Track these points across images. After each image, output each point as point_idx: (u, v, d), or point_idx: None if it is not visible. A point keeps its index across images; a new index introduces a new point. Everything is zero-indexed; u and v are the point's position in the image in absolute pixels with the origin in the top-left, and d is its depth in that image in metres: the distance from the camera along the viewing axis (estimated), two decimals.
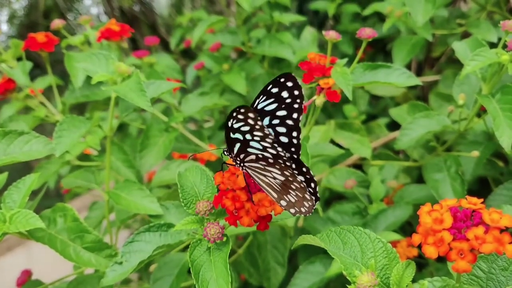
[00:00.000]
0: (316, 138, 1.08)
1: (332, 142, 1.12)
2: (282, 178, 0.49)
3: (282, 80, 0.51)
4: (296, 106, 0.51)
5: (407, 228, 1.01)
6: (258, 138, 0.48)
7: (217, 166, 1.06)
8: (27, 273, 0.87)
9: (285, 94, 0.51)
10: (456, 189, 0.82)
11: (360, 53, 0.74)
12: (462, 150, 0.90)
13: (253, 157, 0.51)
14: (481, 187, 1.08)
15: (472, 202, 0.41)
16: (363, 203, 0.95)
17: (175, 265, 0.73)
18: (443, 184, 0.84)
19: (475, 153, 0.83)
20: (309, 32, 1.34)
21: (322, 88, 0.74)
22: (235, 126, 0.48)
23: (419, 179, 0.97)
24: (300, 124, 0.52)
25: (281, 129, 0.52)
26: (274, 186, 0.50)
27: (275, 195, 0.50)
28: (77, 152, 0.88)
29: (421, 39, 1.12)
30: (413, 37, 1.13)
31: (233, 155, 0.52)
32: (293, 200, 0.50)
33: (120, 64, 0.71)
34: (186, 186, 0.58)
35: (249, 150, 0.51)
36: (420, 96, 1.53)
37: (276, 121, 0.52)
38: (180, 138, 1.05)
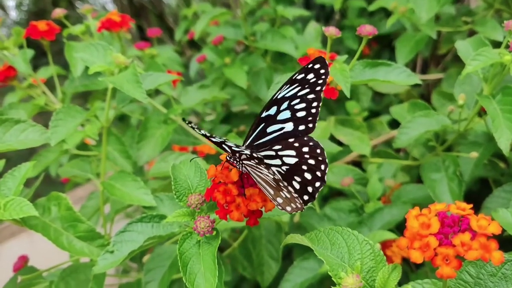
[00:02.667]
0: (316, 134, 1.07)
1: (332, 138, 1.11)
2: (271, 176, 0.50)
3: (310, 65, 0.55)
4: (320, 81, 0.54)
5: (405, 226, 1.01)
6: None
7: (216, 159, 1.06)
8: (23, 259, 0.87)
9: (310, 75, 0.55)
10: (453, 190, 0.82)
11: (359, 50, 0.73)
12: (462, 151, 0.89)
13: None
14: (481, 188, 1.07)
15: (461, 208, 0.40)
16: (360, 201, 0.94)
17: (168, 256, 0.73)
18: (440, 184, 0.84)
19: (474, 154, 0.82)
20: (313, 27, 1.33)
21: None
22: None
23: (418, 178, 0.96)
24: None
25: (300, 106, 0.55)
26: (271, 182, 0.50)
27: (272, 191, 0.50)
28: (75, 142, 0.88)
29: (425, 36, 1.10)
30: (417, 34, 1.12)
31: (230, 155, 0.53)
32: (288, 196, 0.50)
33: (118, 55, 0.71)
34: (179, 179, 0.58)
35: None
36: (424, 94, 1.52)
37: (296, 101, 0.55)
38: (179, 131, 1.05)
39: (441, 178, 0.84)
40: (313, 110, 0.55)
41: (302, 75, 0.55)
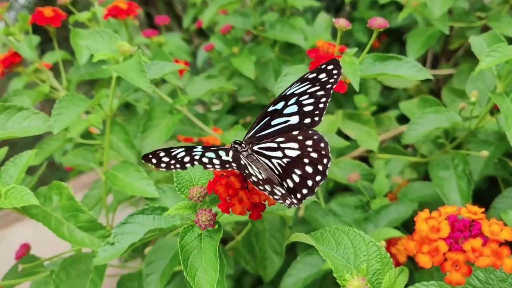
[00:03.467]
0: (323, 128, 1.06)
1: (339, 132, 1.10)
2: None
3: (323, 66, 0.54)
4: (331, 80, 0.54)
5: (412, 224, 0.99)
6: None
7: None
8: (25, 247, 0.87)
9: (322, 75, 0.54)
10: (462, 188, 0.80)
11: (370, 43, 0.71)
12: (472, 149, 0.87)
13: None
14: (490, 187, 1.05)
15: (472, 211, 0.39)
16: (366, 197, 0.93)
17: (170, 249, 0.72)
18: (448, 182, 0.82)
19: (484, 153, 0.80)
20: (323, 18, 1.31)
21: None
22: None
23: (426, 175, 0.95)
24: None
25: (309, 101, 0.55)
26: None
27: (269, 188, 0.49)
28: (79, 130, 0.87)
29: (437, 31, 1.08)
30: (429, 29, 1.10)
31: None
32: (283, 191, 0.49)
33: (123, 43, 0.70)
34: (181, 171, 0.57)
35: None
36: (434, 89, 1.49)
37: (305, 97, 0.55)
38: (185, 121, 1.04)
39: (450, 176, 0.82)
40: (321, 105, 0.54)
41: (314, 75, 0.54)
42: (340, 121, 1.14)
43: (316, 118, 0.54)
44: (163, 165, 0.48)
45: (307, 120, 0.54)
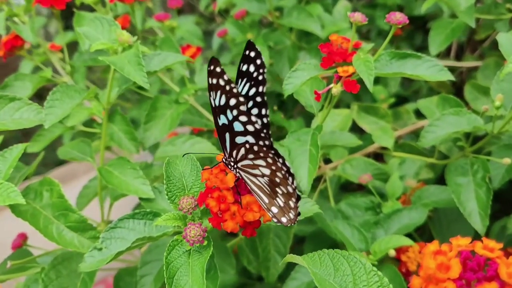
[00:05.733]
0: (336, 122, 1.01)
1: (354, 126, 1.05)
2: (268, 172, 0.44)
3: (247, 52, 0.48)
4: (260, 78, 0.49)
5: (425, 230, 0.95)
6: (236, 112, 0.45)
7: None
8: (22, 237, 0.85)
9: (252, 67, 0.49)
10: (480, 197, 0.74)
11: (387, 40, 0.66)
12: (494, 153, 0.81)
13: (243, 151, 0.46)
14: (510, 193, 0.99)
15: (489, 248, 0.34)
16: (378, 199, 0.88)
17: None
18: (466, 189, 0.76)
19: (507, 160, 0.75)
20: (343, 5, 1.24)
21: (341, 77, 0.67)
22: (216, 101, 0.45)
23: (443, 176, 0.90)
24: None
25: (255, 111, 0.50)
26: (265, 188, 0.45)
27: (266, 200, 0.45)
28: (80, 119, 0.84)
29: (463, 24, 1.01)
30: (454, 21, 1.03)
31: (227, 155, 0.48)
32: (281, 204, 0.44)
33: (122, 32, 0.66)
34: (173, 177, 0.53)
35: (237, 140, 0.47)
36: (456, 82, 1.42)
37: (251, 104, 0.49)
38: (192, 111, 1.00)
39: (468, 183, 0.77)
40: (265, 120, 0.49)
41: (246, 66, 0.49)
42: (355, 114, 1.09)
43: (267, 142, 0.48)
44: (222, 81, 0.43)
45: (261, 142, 0.48)
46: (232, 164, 0.47)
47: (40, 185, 0.64)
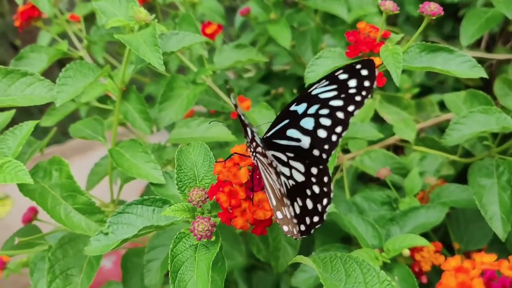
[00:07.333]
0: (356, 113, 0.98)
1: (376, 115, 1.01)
2: (278, 186, 0.42)
3: (358, 66, 0.44)
4: (358, 98, 0.45)
5: (442, 229, 0.92)
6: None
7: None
8: (33, 211, 0.84)
9: (352, 82, 0.45)
10: (504, 201, 0.71)
11: (418, 32, 0.62)
12: None
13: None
14: None
15: None
16: (395, 194, 0.85)
17: (174, 234, 0.67)
18: (489, 192, 0.73)
19: None
20: None
21: None
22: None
23: (464, 173, 0.86)
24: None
25: (325, 122, 0.46)
26: (276, 191, 0.43)
27: (274, 202, 0.43)
28: (95, 95, 0.83)
29: (498, 14, 0.95)
30: (489, 11, 0.97)
31: (249, 140, 0.45)
32: (288, 216, 0.42)
33: (140, 10, 0.63)
34: (184, 166, 0.51)
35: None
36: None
37: (324, 111, 0.46)
38: (210, 92, 0.97)
39: (491, 186, 0.73)
40: (334, 138, 0.45)
41: (345, 77, 0.45)
42: (377, 104, 1.05)
43: (324, 156, 0.46)
44: None
45: (316, 152, 0.46)
46: (252, 150, 0.45)
47: (49, 164, 0.63)
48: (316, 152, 0.46)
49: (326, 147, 0.46)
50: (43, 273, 0.66)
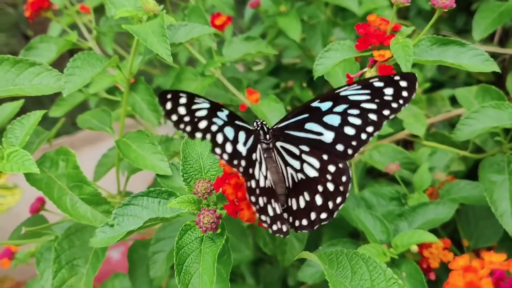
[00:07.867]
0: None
1: None
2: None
3: (396, 78, 0.46)
4: (394, 105, 0.46)
5: (451, 226, 0.91)
6: None
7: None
8: (40, 201, 0.85)
9: (389, 90, 0.46)
10: None
11: (429, 25, 0.61)
12: None
13: None
14: None
15: None
16: (404, 189, 0.84)
17: (180, 226, 0.67)
18: (500, 188, 0.72)
19: None
20: None
21: (376, 61, 0.62)
22: None
23: (474, 169, 0.85)
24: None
25: (355, 121, 0.47)
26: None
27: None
28: (103, 86, 0.83)
29: None
30: (503, 4, 0.95)
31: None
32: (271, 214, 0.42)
33: (148, 0, 0.62)
34: (190, 158, 0.50)
35: None
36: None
37: (353, 111, 0.47)
38: (218, 84, 0.97)
39: (503, 182, 0.72)
40: (364, 136, 0.46)
41: (381, 85, 0.46)
42: None
43: (350, 152, 0.46)
44: (174, 117, 0.40)
45: (340, 147, 0.46)
46: None
47: (56, 154, 0.63)
48: (340, 147, 0.46)
49: (353, 143, 0.46)
50: (49, 263, 0.66)
